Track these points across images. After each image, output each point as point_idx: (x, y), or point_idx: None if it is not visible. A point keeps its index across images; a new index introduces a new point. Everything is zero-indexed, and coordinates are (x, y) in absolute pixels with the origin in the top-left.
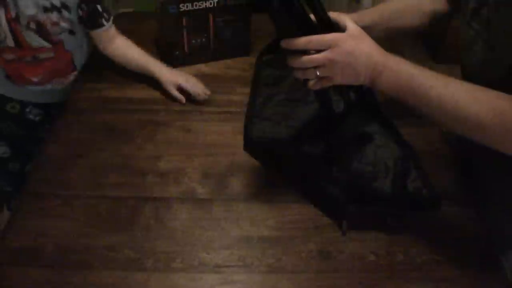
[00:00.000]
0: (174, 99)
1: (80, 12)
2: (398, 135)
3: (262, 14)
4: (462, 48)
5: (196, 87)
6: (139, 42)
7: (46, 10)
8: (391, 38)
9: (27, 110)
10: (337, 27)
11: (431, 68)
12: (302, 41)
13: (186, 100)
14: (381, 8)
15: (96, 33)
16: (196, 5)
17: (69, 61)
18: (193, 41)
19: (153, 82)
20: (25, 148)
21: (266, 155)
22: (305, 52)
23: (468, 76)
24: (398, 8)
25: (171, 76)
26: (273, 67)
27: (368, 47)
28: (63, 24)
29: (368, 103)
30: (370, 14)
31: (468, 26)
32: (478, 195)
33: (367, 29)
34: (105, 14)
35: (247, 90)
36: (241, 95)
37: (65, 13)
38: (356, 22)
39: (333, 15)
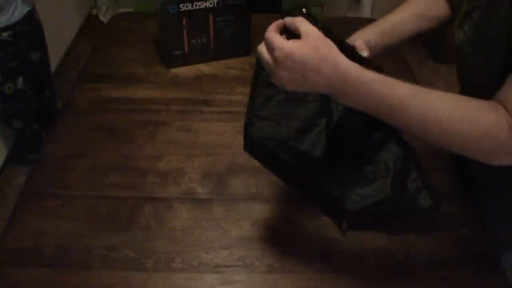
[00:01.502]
0: (175, 100)
1: None
2: (398, 135)
3: (262, 14)
4: (456, 50)
5: None
6: (139, 42)
7: None
8: (396, 49)
9: None
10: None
11: (431, 68)
12: (268, 32)
13: (187, 100)
14: (380, 24)
15: None
16: (196, 5)
17: None
18: (193, 41)
19: (153, 82)
20: (11, 67)
21: (266, 155)
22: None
23: (462, 77)
24: (397, 20)
25: None
26: None
27: (322, 66)
28: None
29: None
30: (371, 30)
31: (460, 29)
32: (475, 195)
33: (371, 49)
34: None
35: (247, 90)
36: (241, 95)
37: None
38: (357, 45)
39: (289, 20)
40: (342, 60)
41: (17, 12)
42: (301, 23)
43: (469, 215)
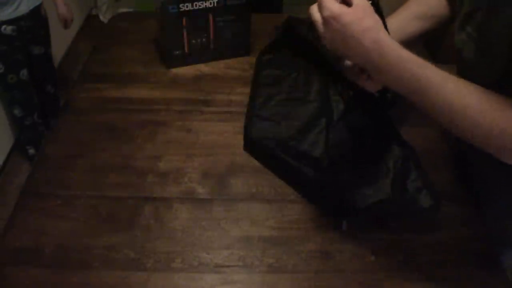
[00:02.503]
0: (175, 100)
1: None
2: (398, 135)
3: (262, 14)
4: (456, 51)
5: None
6: (139, 42)
7: None
8: None
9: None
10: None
11: None
12: None
13: (187, 100)
14: None
15: None
16: (196, 5)
17: None
18: (193, 41)
19: (153, 82)
20: (15, 59)
21: (266, 155)
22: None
23: (462, 78)
24: (397, 23)
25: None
26: (273, 67)
27: (363, 36)
28: None
29: (368, 102)
30: None
31: (461, 30)
32: (477, 194)
33: None
34: None
35: (247, 90)
36: (241, 95)
37: None
38: None
39: None
40: (384, 35)
41: (22, 6)
42: None
43: (469, 214)
